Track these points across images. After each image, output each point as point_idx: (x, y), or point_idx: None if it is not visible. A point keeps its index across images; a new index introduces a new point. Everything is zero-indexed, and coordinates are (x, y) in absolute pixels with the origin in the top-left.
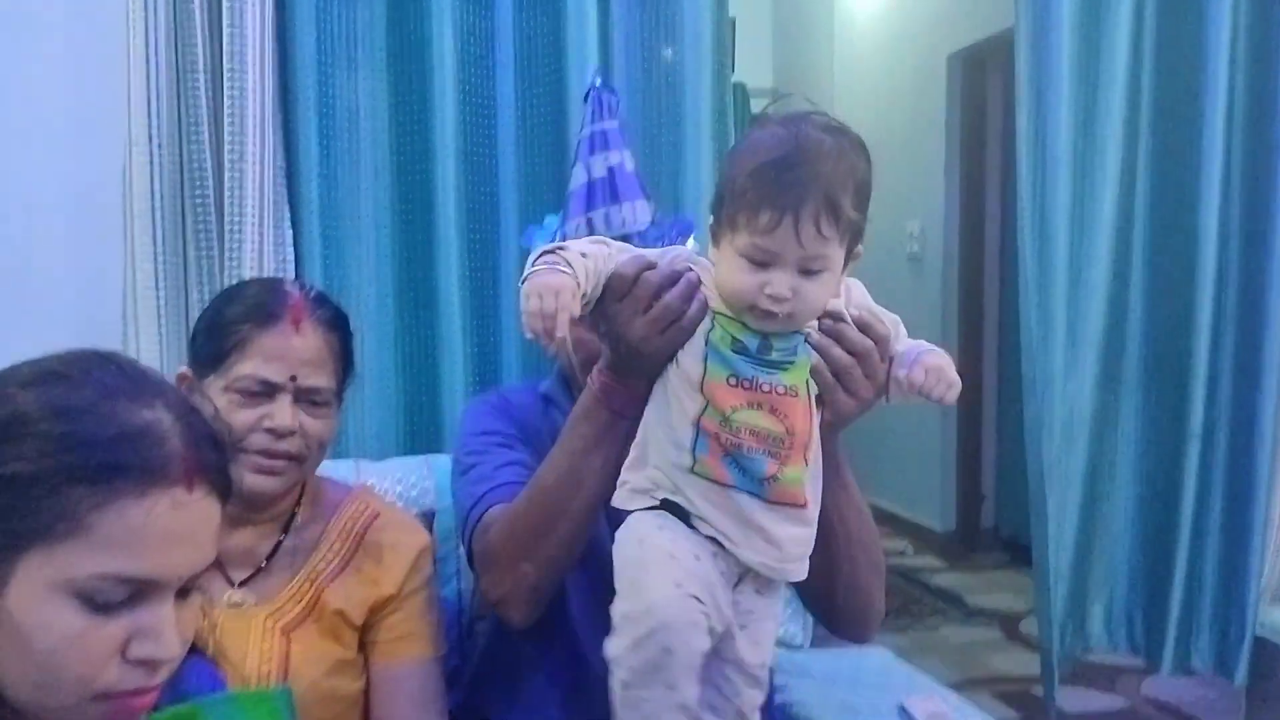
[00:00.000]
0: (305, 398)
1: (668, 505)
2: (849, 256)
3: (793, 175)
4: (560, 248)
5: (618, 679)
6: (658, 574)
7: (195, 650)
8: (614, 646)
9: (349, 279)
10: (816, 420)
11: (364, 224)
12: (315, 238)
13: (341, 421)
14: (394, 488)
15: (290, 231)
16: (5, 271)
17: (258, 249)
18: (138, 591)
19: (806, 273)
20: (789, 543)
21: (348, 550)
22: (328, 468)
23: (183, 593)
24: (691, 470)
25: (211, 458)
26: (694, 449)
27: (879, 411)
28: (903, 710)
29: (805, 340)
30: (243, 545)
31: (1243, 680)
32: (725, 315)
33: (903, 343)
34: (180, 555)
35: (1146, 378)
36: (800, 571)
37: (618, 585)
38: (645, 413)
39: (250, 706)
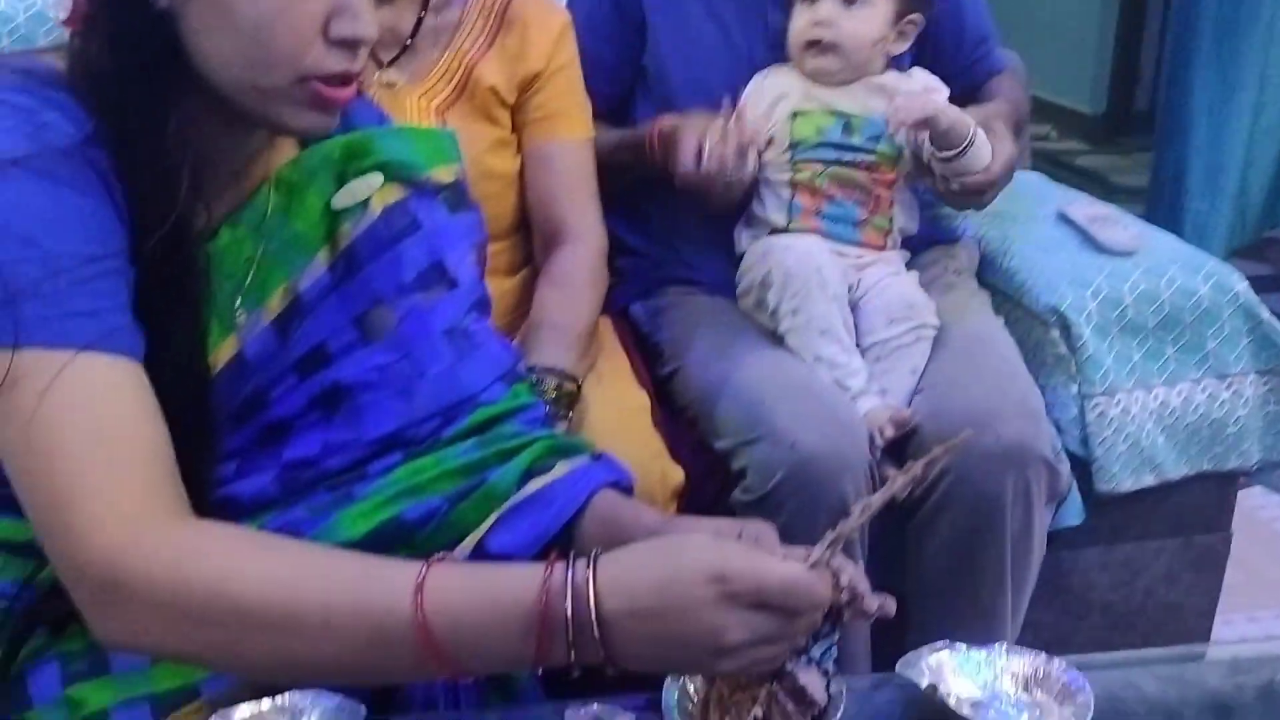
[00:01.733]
0: None
1: None
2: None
3: None
4: None
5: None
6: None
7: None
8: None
9: None
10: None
11: None
12: None
13: None
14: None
15: None
16: None
17: None
18: None
19: (848, 3)
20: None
21: (491, 27)
22: None
23: None
24: (789, 228)
25: None
26: (789, 211)
27: None
28: (1062, 215)
29: (890, 136)
30: (384, 24)
31: None
32: (804, 111)
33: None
34: None
35: None
36: None
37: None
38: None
39: (421, 139)
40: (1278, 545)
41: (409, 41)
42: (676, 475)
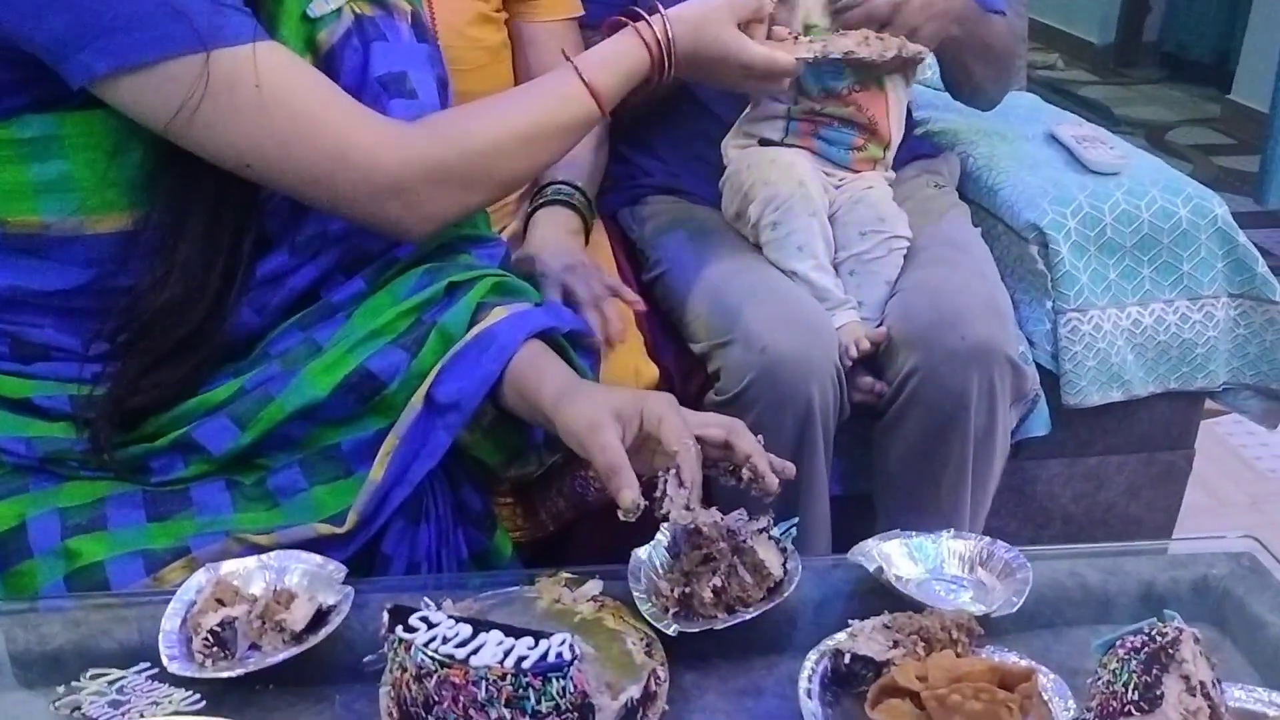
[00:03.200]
0: None
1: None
2: None
3: None
4: None
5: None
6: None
7: None
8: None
9: None
10: (900, 108)
11: None
12: None
13: None
14: None
15: None
16: None
17: None
18: None
19: None
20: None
21: None
22: None
23: None
24: (782, 143)
25: None
26: (785, 130)
27: None
28: (1051, 136)
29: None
30: None
31: None
32: (814, 25)
33: None
34: None
35: None
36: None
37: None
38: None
39: None
40: (1240, 469)
41: None
42: (651, 372)
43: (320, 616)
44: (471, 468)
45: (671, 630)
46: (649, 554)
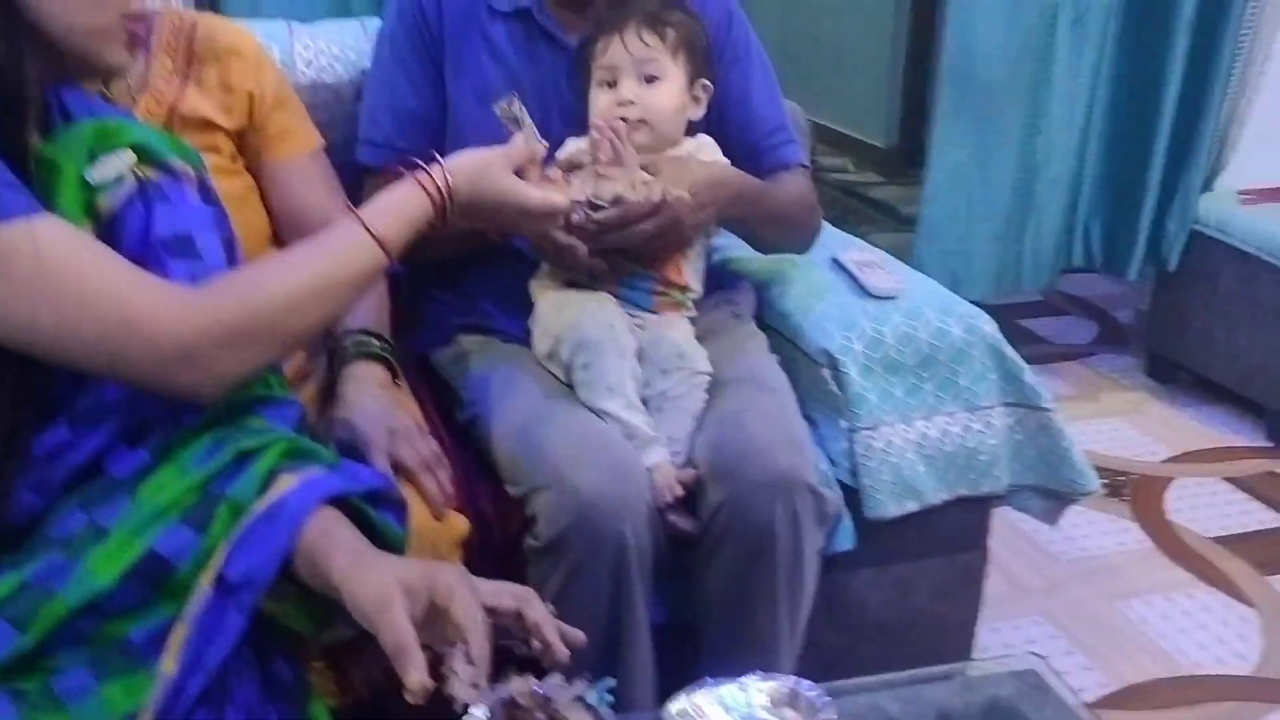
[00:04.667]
0: None
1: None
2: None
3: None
4: None
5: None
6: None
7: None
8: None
9: None
10: (699, 262)
11: None
12: None
13: None
14: (329, 49)
15: None
16: None
17: None
18: None
19: (648, 80)
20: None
21: (180, 65)
22: (257, 28)
23: None
24: (588, 285)
25: None
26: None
27: (826, 30)
28: (835, 262)
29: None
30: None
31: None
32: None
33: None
34: None
35: None
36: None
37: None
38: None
39: (163, 135)
40: (1035, 554)
41: (103, 91)
42: (462, 525)
43: None
44: (280, 637)
45: None
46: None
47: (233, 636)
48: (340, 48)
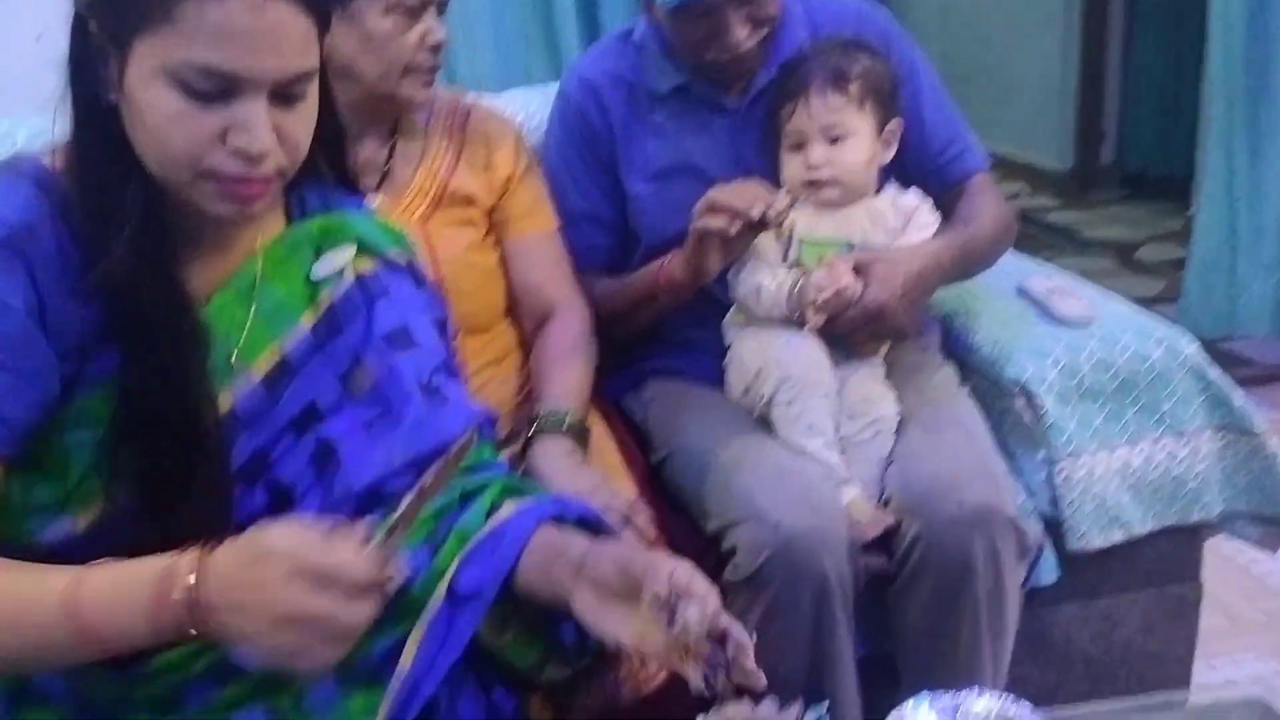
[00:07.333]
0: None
1: None
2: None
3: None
4: None
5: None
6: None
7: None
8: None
9: None
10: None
11: None
12: None
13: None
14: (516, 116)
15: None
16: None
17: None
18: (228, 88)
19: (834, 141)
20: None
21: (454, 145)
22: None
23: (283, 99)
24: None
25: None
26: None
27: (992, 56)
28: (1022, 290)
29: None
30: (363, 157)
31: None
32: (810, 240)
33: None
34: (261, 57)
35: None
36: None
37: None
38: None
39: (384, 224)
40: (1253, 586)
41: (386, 168)
42: None
43: None
44: (503, 671)
45: None
46: None
47: (460, 644)
48: (525, 115)
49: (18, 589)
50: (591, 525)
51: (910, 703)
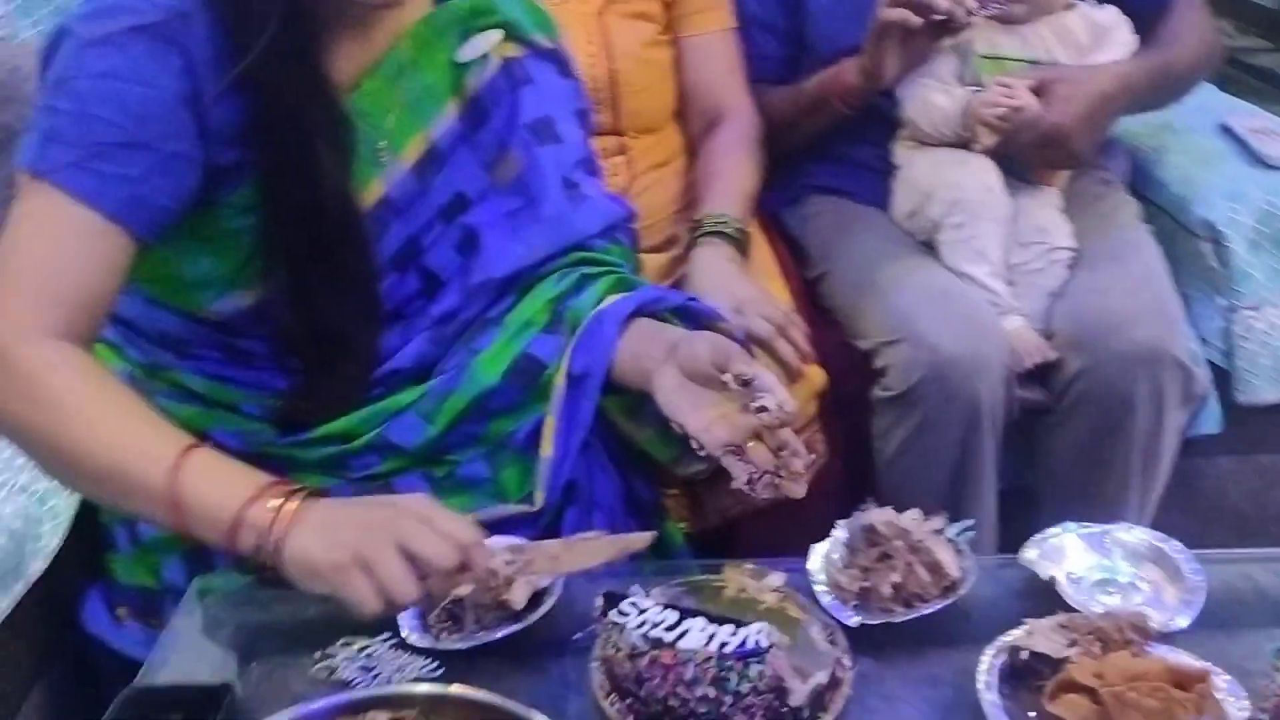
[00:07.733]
0: None
1: None
2: None
3: None
4: None
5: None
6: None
7: None
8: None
9: None
10: None
11: None
12: None
13: None
14: None
15: None
16: None
17: None
18: None
19: None
20: None
21: None
22: None
23: None
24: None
25: None
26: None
27: None
28: (1224, 128)
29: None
30: None
31: None
32: (990, 55)
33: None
34: None
35: None
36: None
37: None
38: None
39: (532, 7)
40: None
41: None
42: (820, 377)
43: (536, 596)
44: (641, 462)
45: (853, 621)
46: (827, 549)
47: (586, 422)
48: None
49: (139, 438)
50: (694, 317)
51: (1058, 529)
